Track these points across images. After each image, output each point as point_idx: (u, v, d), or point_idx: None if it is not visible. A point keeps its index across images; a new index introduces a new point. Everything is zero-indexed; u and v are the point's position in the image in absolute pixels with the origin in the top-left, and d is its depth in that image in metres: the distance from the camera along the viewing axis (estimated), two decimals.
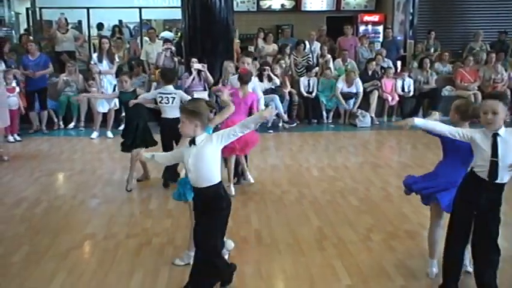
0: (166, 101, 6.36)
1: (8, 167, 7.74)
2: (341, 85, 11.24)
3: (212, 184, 3.57)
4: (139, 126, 6.52)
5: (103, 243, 4.90)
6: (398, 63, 13.47)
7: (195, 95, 10.22)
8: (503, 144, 3.47)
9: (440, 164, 4.18)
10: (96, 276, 4.23)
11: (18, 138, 9.50)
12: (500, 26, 14.76)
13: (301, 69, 11.87)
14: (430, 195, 4.11)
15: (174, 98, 6.34)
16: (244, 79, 6.33)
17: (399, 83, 11.62)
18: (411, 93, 11.61)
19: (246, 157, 6.79)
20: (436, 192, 4.01)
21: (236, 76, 6.78)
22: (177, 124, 5.26)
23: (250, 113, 6.20)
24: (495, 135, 3.47)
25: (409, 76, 11.84)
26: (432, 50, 13.38)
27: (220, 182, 3.63)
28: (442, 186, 3.98)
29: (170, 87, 6.44)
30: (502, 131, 3.49)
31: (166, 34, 16.28)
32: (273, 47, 12.61)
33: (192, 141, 3.58)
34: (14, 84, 9.43)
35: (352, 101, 11.30)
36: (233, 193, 6.19)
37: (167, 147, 6.16)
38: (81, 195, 6.39)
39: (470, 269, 4.05)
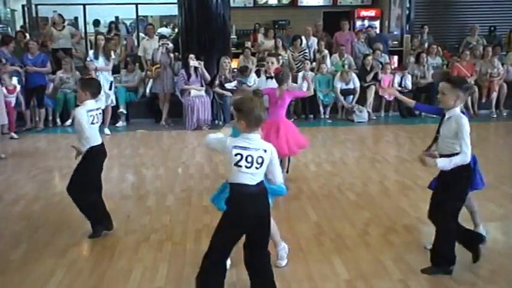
0: (97, 120, 4.89)
1: (6, 165, 7.74)
2: (339, 85, 11.24)
3: None
4: None
5: (101, 240, 4.91)
6: (395, 58, 13.48)
7: (192, 92, 10.28)
8: (444, 124, 4.05)
9: None
10: (95, 273, 4.24)
11: (15, 136, 9.49)
12: (494, 20, 14.79)
13: (298, 65, 11.86)
14: None
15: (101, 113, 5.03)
16: (279, 79, 6.17)
17: (398, 78, 11.61)
18: (410, 88, 11.59)
19: None
20: None
21: (263, 77, 6.74)
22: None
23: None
24: (443, 115, 4.06)
25: (408, 73, 11.83)
26: (426, 44, 13.37)
27: None
28: None
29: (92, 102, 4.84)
30: (451, 112, 3.98)
31: (164, 30, 16.27)
32: (272, 43, 12.60)
33: None
34: (15, 82, 9.40)
35: (350, 97, 11.31)
36: None
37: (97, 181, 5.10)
38: None
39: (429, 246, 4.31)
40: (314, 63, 11.86)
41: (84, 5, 15.18)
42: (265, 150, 3.33)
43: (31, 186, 6.70)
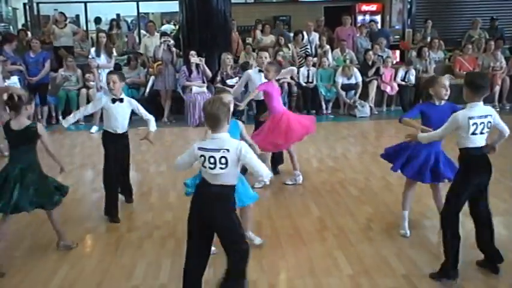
0: None
1: None
2: (340, 80, 11.22)
3: None
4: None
5: (105, 237, 4.93)
6: (397, 52, 13.44)
7: (194, 89, 10.28)
8: None
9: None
10: (98, 269, 4.25)
11: None
12: (497, 14, 14.75)
13: (300, 60, 11.85)
14: None
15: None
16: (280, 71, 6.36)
17: (401, 72, 11.58)
18: (413, 83, 11.56)
19: None
20: None
21: (256, 70, 6.76)
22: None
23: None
24: None
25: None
26: (429, 38, 13.33)
27: None
28: None
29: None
30: None
31: (166, 27, 16.26)
32: (270, 39, 12.57)
33: None
34: (15, 80, 9.37)
35: (352, 92, 11.29)
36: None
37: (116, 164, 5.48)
38: (82, 189, 6.41)
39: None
40: (316, 59, 11.83)
41: (85, 2, 15.20)
42: (228, 150, 3.30)
43: None
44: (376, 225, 5.06)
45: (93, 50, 10.15)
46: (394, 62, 12.40)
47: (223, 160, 3.29)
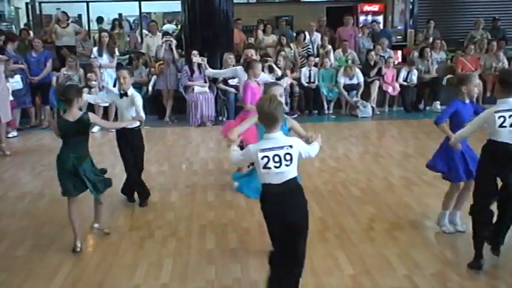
0: None
1: (10, 162, 7.77)
2: (343, 80, 11.21)
3: None
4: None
5: (106, 236, 4.93)
6: (399, 52, 13.43)
7: (196, 89, 10.29)
8: None
9: None
10: (100, 269, 4.25)
11: (15, 133, 9.50)
12: (499, 15, 14.74)
13: (302, 60, 11.85)
14: None
15: None
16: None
17: (404, 73, 11.58)
18: (415, 83, 11.55)
19: None
20: None
21: (240, 67, 6.78)
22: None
23: None
24: None
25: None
26: (431, 39, 13.32)
27: None
28: None
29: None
30: None
31: (168, 27, 16.27)
32: (272, 38, 12.57)
33: None
34: (17, 79, 9.38)
35: (354, 93, 11.29)
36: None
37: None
38: None
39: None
40: (317, 59, 11.83)
41: (87, 2, 15.21)
42: (291, 146, 3.33)
43: (36, 183, 6.72)
44: (377, 226, 5.06)
45: (95, 49, 10.16)
46: (396, 62, 12.39)
47: (287, 157, 3.31)
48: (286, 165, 3.30)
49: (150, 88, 10.96)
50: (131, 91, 5.53)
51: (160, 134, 9.57)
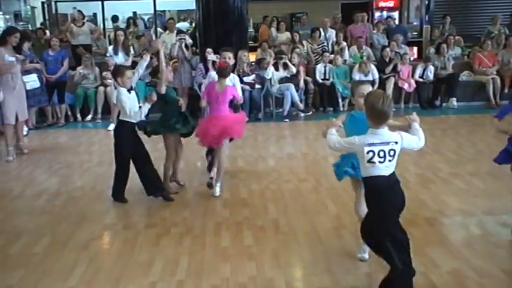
0: None
1: (28, 160, 7.85)
2: (358, 76, 11.16)
3: None
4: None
5: (122, 234, 4.96)
6: (415, 49, 13.33)
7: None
8: None
9: None
10: (116, 266, 4.28)
11: (26, 128, 9.53)
12: None
13: (317, 57, 11.82)
14: None
15: None
16: (222, 73, 5.97)
17: (420, 69, 11.50)
18: (431, 79, 11.47)
19: None
20: None
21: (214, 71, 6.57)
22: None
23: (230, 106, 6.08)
24: None
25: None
26: (447, 35, 13.20)
27: None
28: None
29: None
30: None
31: (182, 25, 16.29)
32: (286, 36, 12.55)
33: None
34: (34, 78, 9.43)
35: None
36: (217, 194, 5.98)
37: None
38: (100, 186, 6.46)
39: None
40: (332, 55, 11.78)
41: (102, 1, 15.27)
42: (396, 142, 3.44)
43: (53, 180, 6.78)
44: None
45: (110, 48, 10.21)
46: (412, 58, 12.30)
47: (391, 152, 3.42)
48: (389, 160, 3.43)
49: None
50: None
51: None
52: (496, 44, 12.22)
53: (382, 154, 3.39)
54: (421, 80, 11.45)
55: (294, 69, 10.57)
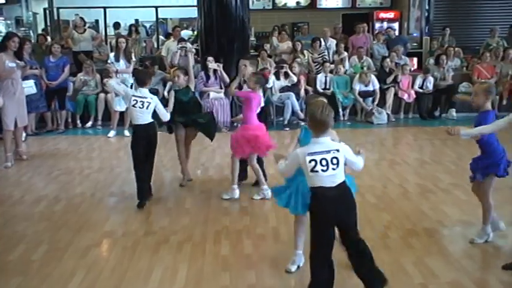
0: (141, 106, 5.78)
1: (28, 166, 7.84)
2: (358, 86, 11.20)
3: None
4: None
5: (122, 241, 4.95)
6: (415, 60, 13.37)
7: (212, 94, 10.32)
8: None
9: None
10: (115, 273, 4.27)
11: (23, 134, 9.53)
12: None
13: (317, 67, 11.85)
14: None
15: (149, 103, 5.81)
16: (263, 82, 6.44)
17: (419, 80, 11.53)
18: (430, 90, 11.50)
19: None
20: None
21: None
22: (150, 130, 5.87)
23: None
24: None
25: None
26: (446, 46, 13.24)
27: None
28: None
29: (145, 91, 5.91)
30: None
31: (184, 33, 16.34)
32: (287, 45, 12.59)
33: None
34: (31, 84, 9.43)
35: (370, 99, 11.26)
36: (237, 196, 6.11)
37: (139, 157, 5.90)
38: (100, 193, 6.45)
39: None
40: (333, 65, 11.82)
41: (104, 8, 15.32)
42: (337, 150, 3.45)
43: (52, 187, 6.77)
44: (393, 233, 5.03)
45: (112, 55, 10.23)
46: (412, 69, 12.33)
47: (334, 160, 3.43)
48: (333, 168, 3.43)
49: (165, 93, 11.00)
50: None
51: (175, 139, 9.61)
52: (494, 56, 12.26)
53: (324, 162, 3.41)
54: (420, 90, 11.48)
55: (294, 79, 10.60)
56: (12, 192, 6.53)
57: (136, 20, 16.24)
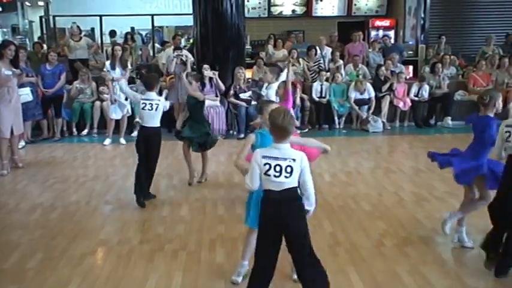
0: (150, 108, 6.02)
1: (23, 174, 7.82)
2: (353, 94, 11.23)
3: None
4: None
5: (117, 249, 4.94)
6: (410, 68, 13.42)
7: (207, 102, 10.31)
8: None
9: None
10: (110, 281, 4.26)
11: (23, 143, 9.54)
12: (511, 30, 14.68)
13: (313, 75, 11.88)
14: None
15: (157, 105, 6.05)
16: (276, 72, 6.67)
17: (415, 88, 11.57)
18: (426, 98, 11.53)
19: None
20: None
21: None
22: (153, 134, 5.99)
23: None
24: None
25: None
26: (442, 54, 13.29)
27: None
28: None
29: (153, 94, 6.12)
30: None
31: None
32: (283, 53, 12.63)
33: None
34: (27, 91, 9.43)
35: (366, 107, 11.28)
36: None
37: (141, 157, 6.14)
38: (95, 201, 6.44)
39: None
40: (328, 73, 11.84)
41: (100, 16, 15.36)
42: (294, 160, 3.40)
43: (47, 195, 6.76)
44: (388, 241, 5.03)
45: (108, 62, 10.25)
46: (408, 77, 12.38)
47: (288, 169, 3.39)
48: (286, 176, 3.40)
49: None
50: None
51: (171, 147, 9.57)
52: (490, 64, 12.33)
53: (278, 169, 3.40)
54: (416, 98, 11.51)
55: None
56: (8, 200, 6.52)
57: (132, 28, 16.28)
